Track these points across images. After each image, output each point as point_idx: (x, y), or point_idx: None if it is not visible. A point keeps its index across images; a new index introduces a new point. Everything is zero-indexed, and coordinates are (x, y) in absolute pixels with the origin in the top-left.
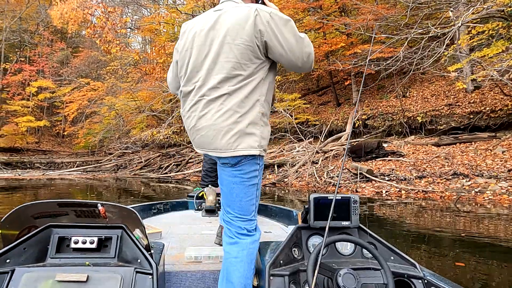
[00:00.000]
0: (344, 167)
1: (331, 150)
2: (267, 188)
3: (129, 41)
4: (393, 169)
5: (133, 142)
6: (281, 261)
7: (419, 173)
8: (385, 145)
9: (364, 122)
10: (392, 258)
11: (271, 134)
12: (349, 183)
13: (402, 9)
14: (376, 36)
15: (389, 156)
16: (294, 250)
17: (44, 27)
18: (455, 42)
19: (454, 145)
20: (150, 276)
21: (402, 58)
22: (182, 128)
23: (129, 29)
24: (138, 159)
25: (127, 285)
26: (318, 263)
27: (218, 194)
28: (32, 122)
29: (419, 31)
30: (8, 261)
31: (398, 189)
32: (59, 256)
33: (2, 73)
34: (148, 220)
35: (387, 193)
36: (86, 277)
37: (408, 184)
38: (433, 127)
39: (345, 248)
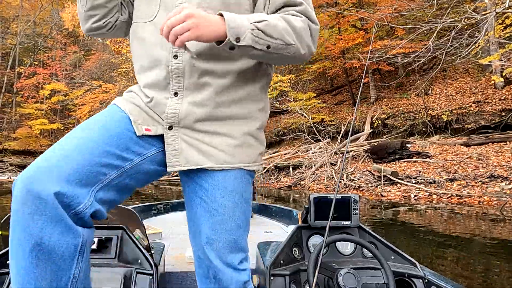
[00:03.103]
0: (365, 169)
1: (350, 151)
2: (282, 191)
3: None
4: (420, 171)
5: None
6: (282, 261)
7: (450, 176)
8: (408, 145)
9: (383, 121)
10: (392, 257)
11: (285, 135)
12: (371, 186)
13: (422, 1)
14: (395, 26)
15: (414, 157)
16: (295, 250)
17: (57, 30)
18: (487, 33)
19: (486, 145)
20: (151, 277)
21: (432, 49)
22: None
23: None
24: None
25: (128, 286)
26: (319, 263)
27: None
28: (46, 125)
29: (450, 20)
30: (9, 262)
31: (428, 193)
32: None
33: (16, 77)
34: (149, 221)
35: (416, 197)
36: None
37: (438, 188)
38: (460, 126)
39: (346, 247)
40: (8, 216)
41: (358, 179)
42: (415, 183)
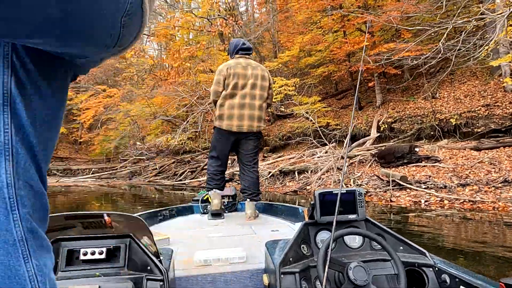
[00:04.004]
0: (373, 174)
1: (356, 156)
2: (288, 196)
3: (145, 47)
4: (430, 176)
5: (148, 148)
6: (291, 259)
7: (462, 181)
8: (416, 149)
9: (390, 125)
10: (401, 248)
11: (289, 139)
12: (380, 191)
13: (430, 4)
14: (405, 28)
15: (423, 162)
16: (303, 247)
17: None
18: (497, 34)
19: (497, 149)
20: (161, 282)
21: (442, 51)
22: (197, 134)
23: (144, 35)
24: (152, 166)
25: None
26: (328, 258)
27: (223, 197)
28: None
29: (461, 21)
30: None
31: (439, 199)
32: (69, 269)
33: None
34: (155, 227)
35: (426, 202)
36: (97, 287)
37: (449, 193)
38: (469, 129)
39: (354, 241)
40: None
41: (366, 183)
42: (425, 188)
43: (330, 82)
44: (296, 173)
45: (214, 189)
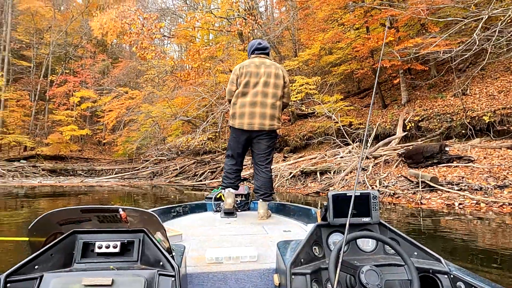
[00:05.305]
0: (400, 174)
1: (381, 156)
2: (310, 197)
3: (165, 49)
4: (463, 177)
5: (168, 149)
6: (302, 260)
7: (499, 182)
8: (447, 149)
9: (417, 124)
10: (415, 253)
11: (311, 139)
12: (408, 192)
13: None
14: (434, 19)
15: (454, 162)
16: (315, 248)
17: (87, 40)
18: None
19: None
20: (173, 278)
21: (477, 42)
22: (216, 134)
23: (165, 37)
24: (173, 166)
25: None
26: (340, 260)
27: (236, 196)
28: (75, 131)
29: (501, 9)
30: (36, 267)
31: (475, 201)
32: (85, 261)
33: (49, 85)
34: (168, 223)
35: (460, 205)
36: (111, 280)
37: (486, 195)
38: (505, 127)
39: (367, 244)
40: (35, 223)
41: (393, 185)
42: (458, 190)
43: (352, 80)
44: (318, 173)
45: (228, 188)
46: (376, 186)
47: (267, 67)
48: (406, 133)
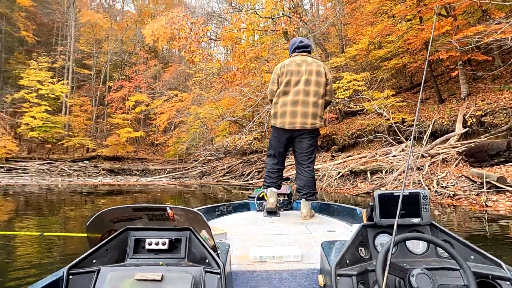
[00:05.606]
0: (460, 174)
1: (439, 154)
2: (360, 197)
3: (212, 52)
4: None
5: (216, 149)
6: (348, 261)
7: None
8: None
9: (479, 119)
10: (472, 257)
11: (360, 137)
12: (471, 194)
13: None
14: (497, 3)
15: None
16: (361, 250)
17: (140, 47)
18: None
19: None
20: (219, 276)
21: None
22: (263, 134)
23: (211, 40)
24: (221, 166)
25: (198, 284)
26: (388, 262)
27: (279, 195)
28: (131, 133)
29: None
30: (94, 261)
31: None
32: (137, 257)
33: (107, 91)
34: (213, 222)
35: None
36: (161, 276)
37: None
38: None
39: (417, 246)
40: (91, 221)
41: (452, 185)
42: None
43: (404, 75)
44: (368, 173)
45: (270, 187)
46: (433, 186)
47: (308, 65)
48: (466, 129)
